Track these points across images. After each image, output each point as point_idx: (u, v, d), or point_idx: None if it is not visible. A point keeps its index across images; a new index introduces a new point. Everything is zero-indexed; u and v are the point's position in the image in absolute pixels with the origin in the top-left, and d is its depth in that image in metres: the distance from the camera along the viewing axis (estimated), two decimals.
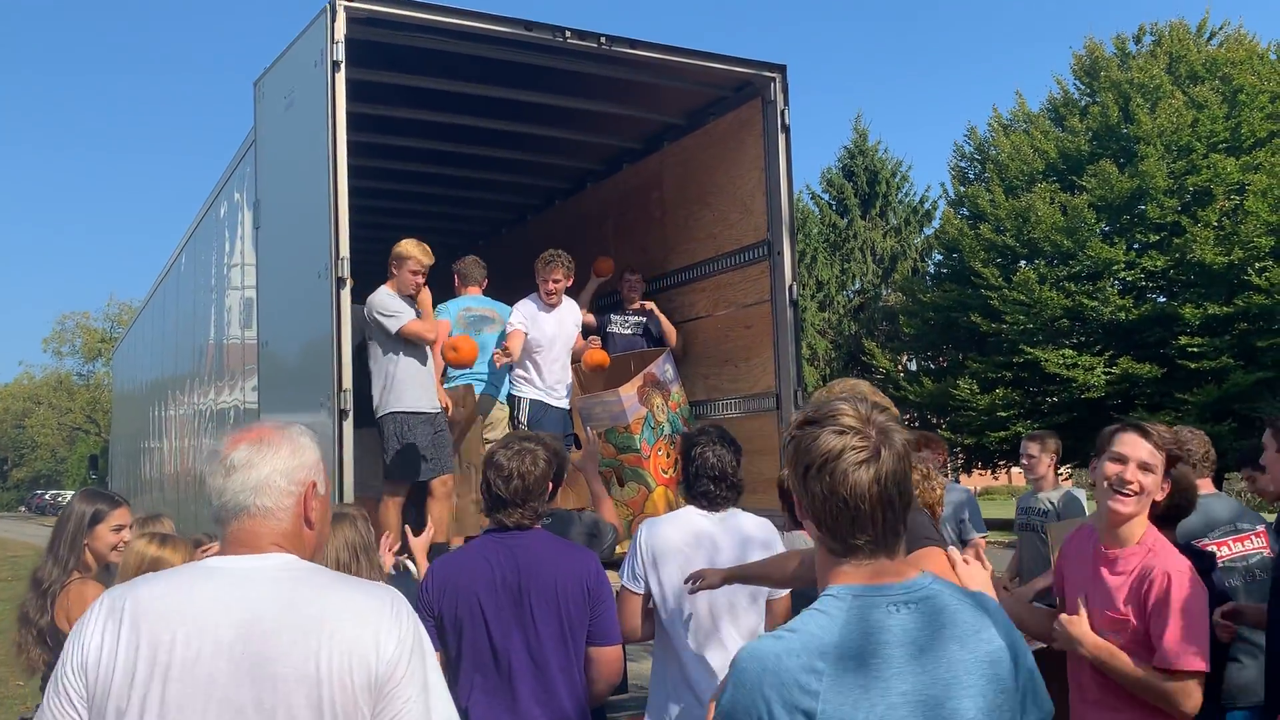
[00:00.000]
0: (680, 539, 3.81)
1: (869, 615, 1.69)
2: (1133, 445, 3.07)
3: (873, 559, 1.74)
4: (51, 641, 3.70)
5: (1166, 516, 3.67)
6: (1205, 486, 4.23)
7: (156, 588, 1.91)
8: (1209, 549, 3.89)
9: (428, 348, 6.38)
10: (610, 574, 3.64)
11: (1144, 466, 3.05)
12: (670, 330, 7.77)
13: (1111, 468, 3.08)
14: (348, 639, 1.83)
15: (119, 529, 4.03)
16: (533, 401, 6.68)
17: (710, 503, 3.87)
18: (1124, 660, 2.97)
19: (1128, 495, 3.04)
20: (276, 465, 1.99)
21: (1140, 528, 3.09)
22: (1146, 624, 2.96)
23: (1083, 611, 3.05)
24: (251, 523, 1.96)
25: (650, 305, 7.89)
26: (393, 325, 6.09)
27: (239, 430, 2.07)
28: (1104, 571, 3.09)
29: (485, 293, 7.36)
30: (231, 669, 1.80)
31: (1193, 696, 2.90)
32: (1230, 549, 4.07)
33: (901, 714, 1.62)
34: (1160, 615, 2.92)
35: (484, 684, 3.30)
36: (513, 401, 6.83)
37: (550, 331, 6.78)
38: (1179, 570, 2.96)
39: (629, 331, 7.87)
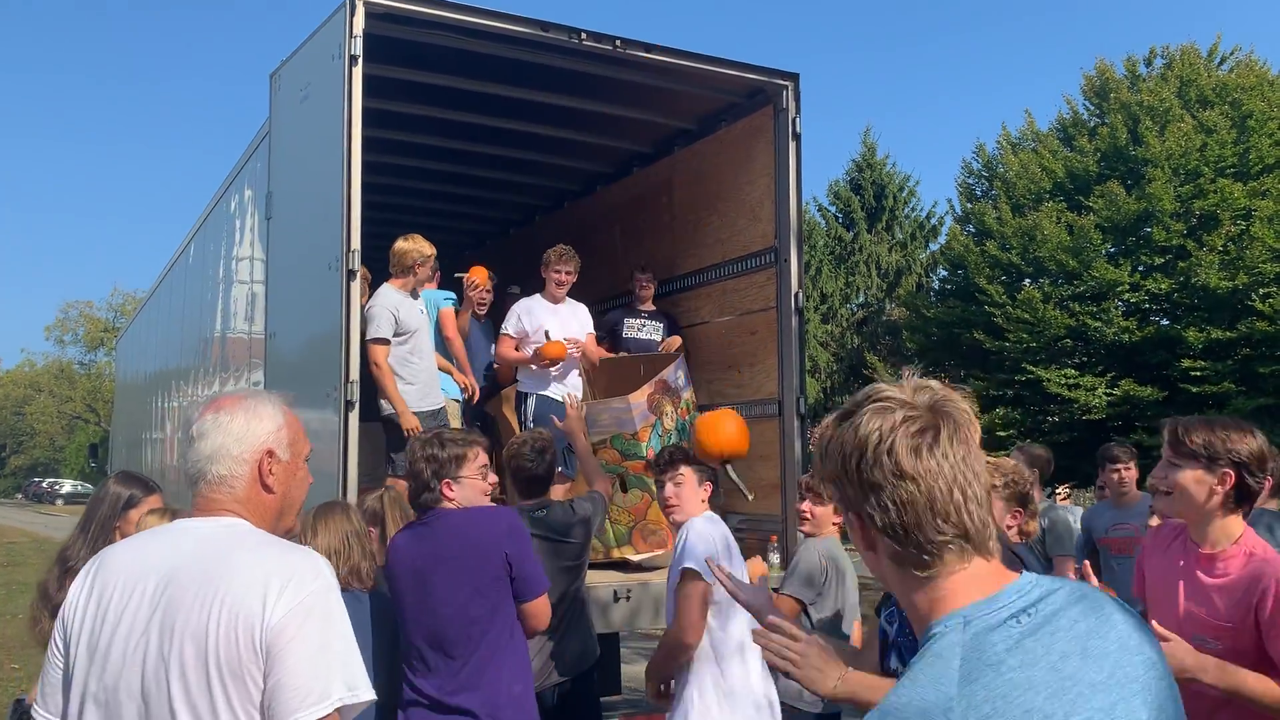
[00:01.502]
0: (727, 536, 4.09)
1: (991, 644, 1.32)
2: (1164, 448, 2.98)
3: (964, 560, 1.39)
4: None
5: None
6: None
7: (122, 545, 2.12)
8: None
9: (431, 346, 6.46)
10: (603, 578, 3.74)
11: (1173, 464, 2.92)
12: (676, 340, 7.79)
13: (1155, 471, 3.01)
14: (236, 600, 1.87)
15: (150, 514, 4.05)
16: (538, 398, 6.70)
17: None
18: (1254, 683, 2.65)
19: (1164, 493, 2.95)
20: (231, 434, 2.06)
21: (1236, 527, 2.88)
22: (1255, 635, 2.72)
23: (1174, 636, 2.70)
24: (208, 489, 2.06)
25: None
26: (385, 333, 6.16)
27: (215, 399, 2.15)
28: (1199, 573, 2.90)
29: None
30: (148, 617, 1.91)
31: None
32: None
33: None
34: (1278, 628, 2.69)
35: (416, 672, 3.55)
36: (519, 398, 6.87)
37: (553, 329, 6.81)
38: None
39: (645, 336, 7.85)
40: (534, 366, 6.71)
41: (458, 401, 6.81)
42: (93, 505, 4.05)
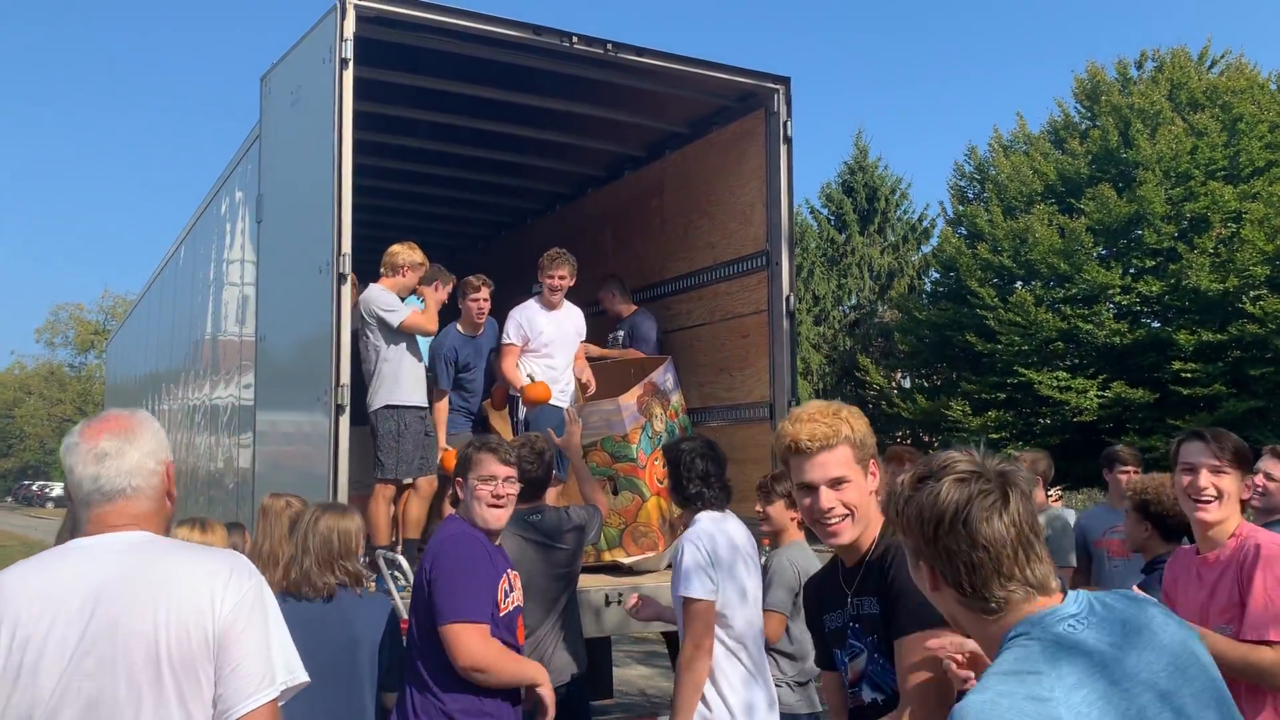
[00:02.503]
0: (742, 539, 4.01)
1: (1059, 633, 1.55)
2: (1197, 452, 3.13)
3: (1029, 603, 1.62)
4: None
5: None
6: None
7: (18, 571, 2.10)
8: None
9: (418, 349, 6.48)
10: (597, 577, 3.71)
11: (1215, 470, 3.10)
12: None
13: (1185, 478, 3.14)
14: (184, 601, 2.01)
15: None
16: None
17: (719, 506, 3.99)
18: (1217, 640, 2.84)
19: (1208, 501, 3.09)
20: (145, 449, 2.18)
21: (1232, 524, 3.09)
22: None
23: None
24: (125, 503, 2.14)
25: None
26: (394, 319, 6.19)
27: (96, 421, 2.23)
28: (1207, 576, 3.08)
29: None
30: (80, 633, 1.97)
31: None
32: None
33: (1146, 703, 1.50)
34: (1249, 585, 2.89)
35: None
36: (512, 402, 6.86)
37: (549, 333, 6.79)
38: (1271, 541, 2.97)
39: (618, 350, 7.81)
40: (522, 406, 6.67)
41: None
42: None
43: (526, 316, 6.83)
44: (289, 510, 4.03)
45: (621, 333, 7.79)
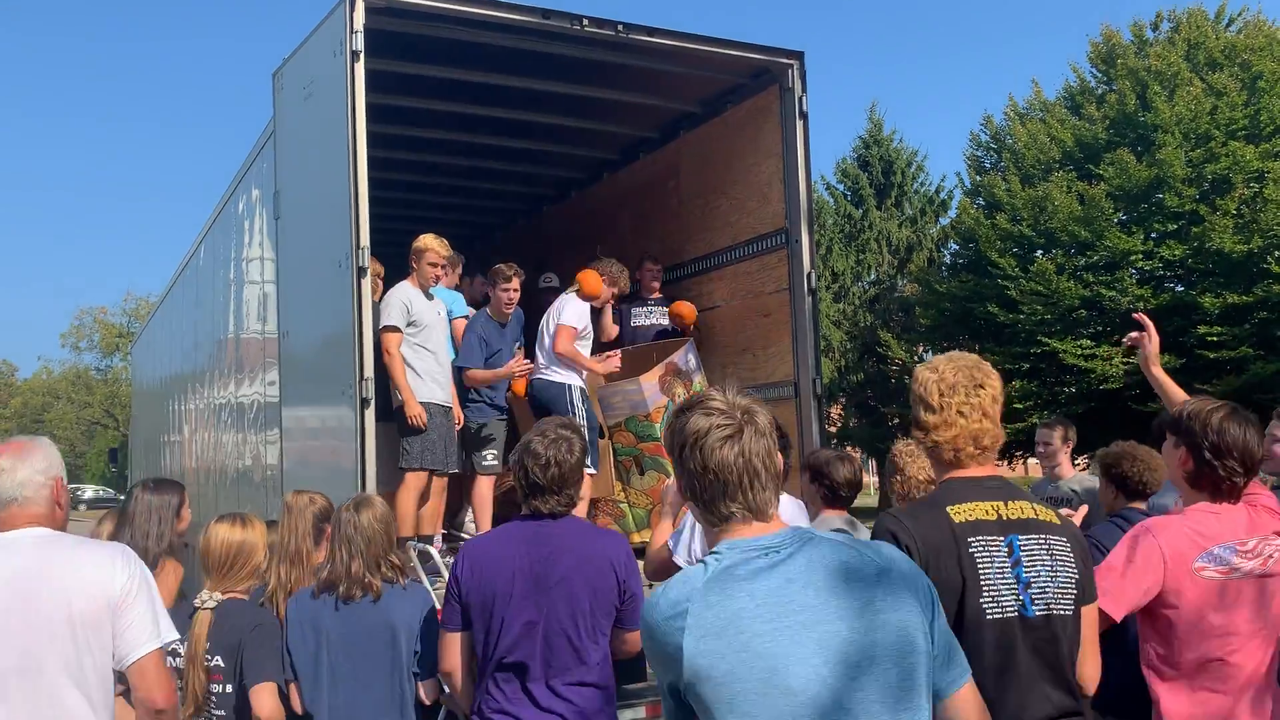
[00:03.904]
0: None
1: (736, 564, 1.87)
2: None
3: (746, 524, 1.95)
4: None
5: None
6: None
7: None
8: None
9: (444, 344, 6.48)
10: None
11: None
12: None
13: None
14: (89, 575, 2.72)
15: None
16: (540, 382, 6.68)
17: None
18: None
19: None
20: (35, 466, 2.80)
21: None
22: None
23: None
24: (17, 509, 2.77)
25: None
26: (381, 321, 6.16)
27: (2, 444, 2.84)
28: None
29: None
30: (4, 608, 2.62)
31: None
32: None
33: (762, 646, 1.79)
34: None
35: (503, 675, 3.25)
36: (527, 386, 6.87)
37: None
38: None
39: (652, 323, 7.83)
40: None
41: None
42: (129, 516, 4.15)
43: (578, 312, 6.82)
44: (313, 507, 4.04)
45: (667, 310, 7.78)
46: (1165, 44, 22.87)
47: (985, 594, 2.48)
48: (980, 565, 2.50)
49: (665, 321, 7.81)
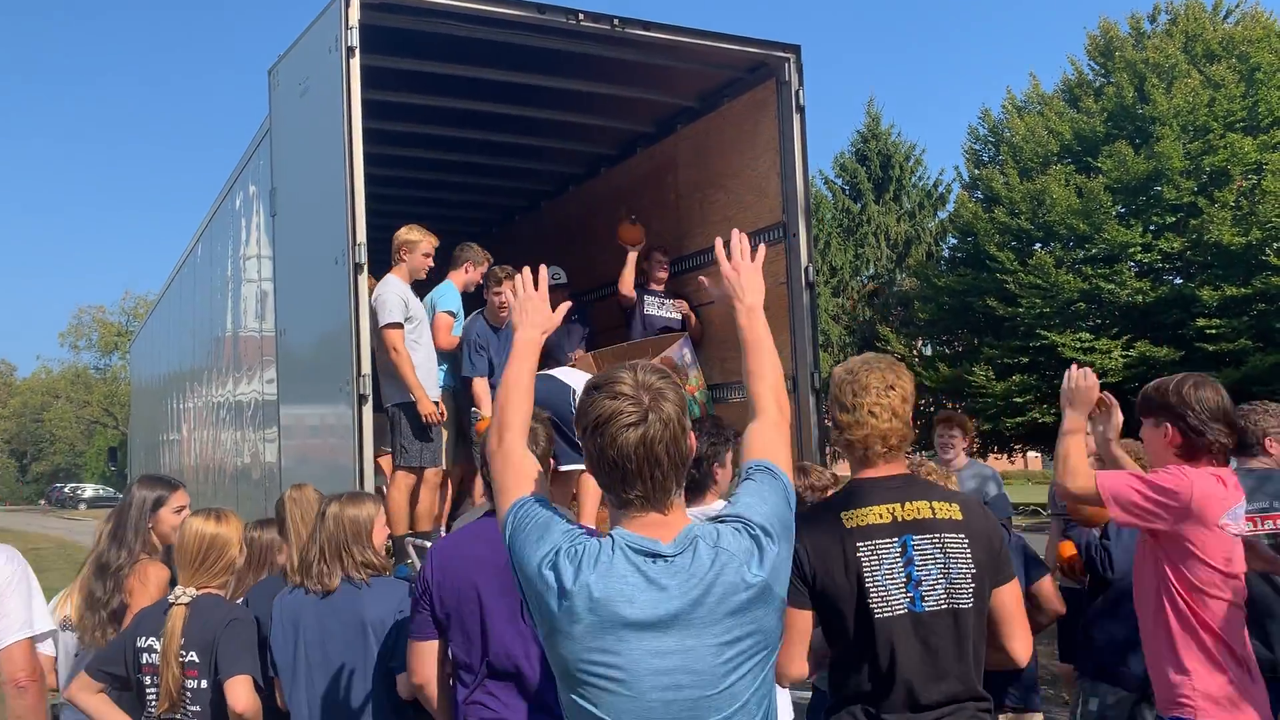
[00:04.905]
0: None
1: (618, 562, 1.89)
2: None
3: (644, 513, 1.95)
4: (120, 621, 3.89)
5: None
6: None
7: None
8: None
9: (429, 337, 6.44)
10: None
11: None
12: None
13: None
14: None
15: (179, 510, 4.19)
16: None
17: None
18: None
19: None
20: None
21: None
22: None
23: None
24: None
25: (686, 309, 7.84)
26: (379, 320, 6.06)
27: None
28: None
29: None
30: None
31: None
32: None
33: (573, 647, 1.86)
34: None
35: (495, 684, 3.10)
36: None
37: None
38: None
39: (666, 314, 7.80)
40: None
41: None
42: (122, 512, 4.16)
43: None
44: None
45: (674, 304, 7.80)
46: (1163, 36, 22.85)
47: (873, 595, 2.61)
48: (868, 568, 2.62)
49: (677, 315, 7.78)
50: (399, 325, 6.07)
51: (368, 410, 5.45)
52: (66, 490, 61.91)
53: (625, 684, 1.86)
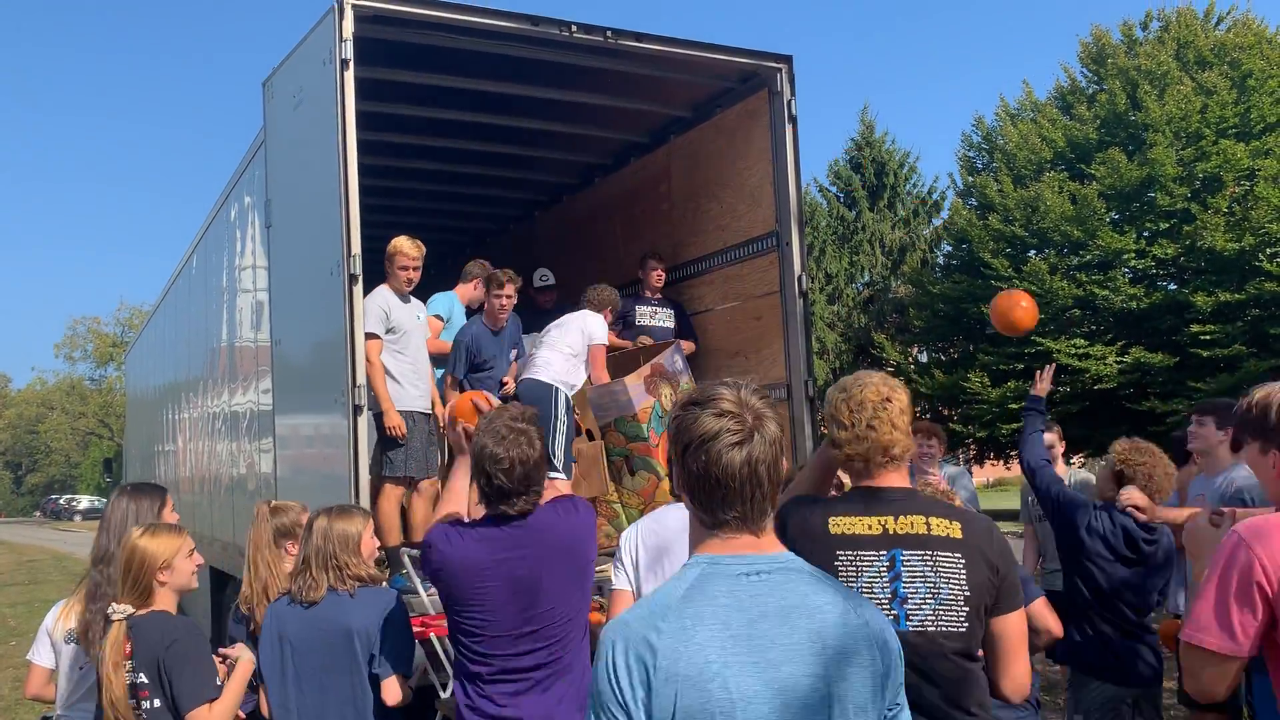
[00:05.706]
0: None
1: (716, 580, 1.81)
2: None
3: (738, 534, 1.88)
4: None
5: None
6: None
7: None
8: None
9: (423, 348, 6.44)
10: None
11: None
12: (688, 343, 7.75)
13: None
14: None
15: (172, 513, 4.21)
16: (526, 382, 6.69)
17: None
18: None
19: None
20: None
21: None
22: None
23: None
24: None
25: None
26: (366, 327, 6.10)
27: None
28: None
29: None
30: None
31: None
32: None
33: (733, 669, 1.72)
34: None
35: (498, 687, 3.21)
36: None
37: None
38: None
39: (658, 323, 7.80)
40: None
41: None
42: (109, 521, 4.10)
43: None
44: (281, 517, 4.15)
45: (672, 310, 7.82)
46: (1155, 43, 22.96)
47: None
48: (844, 579, 2.52)
49: (671, 324, 7.79)
50: (375, 337, 6.09)
51: (363, 421, 5.46)
52: (62, 502, 61.77)
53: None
